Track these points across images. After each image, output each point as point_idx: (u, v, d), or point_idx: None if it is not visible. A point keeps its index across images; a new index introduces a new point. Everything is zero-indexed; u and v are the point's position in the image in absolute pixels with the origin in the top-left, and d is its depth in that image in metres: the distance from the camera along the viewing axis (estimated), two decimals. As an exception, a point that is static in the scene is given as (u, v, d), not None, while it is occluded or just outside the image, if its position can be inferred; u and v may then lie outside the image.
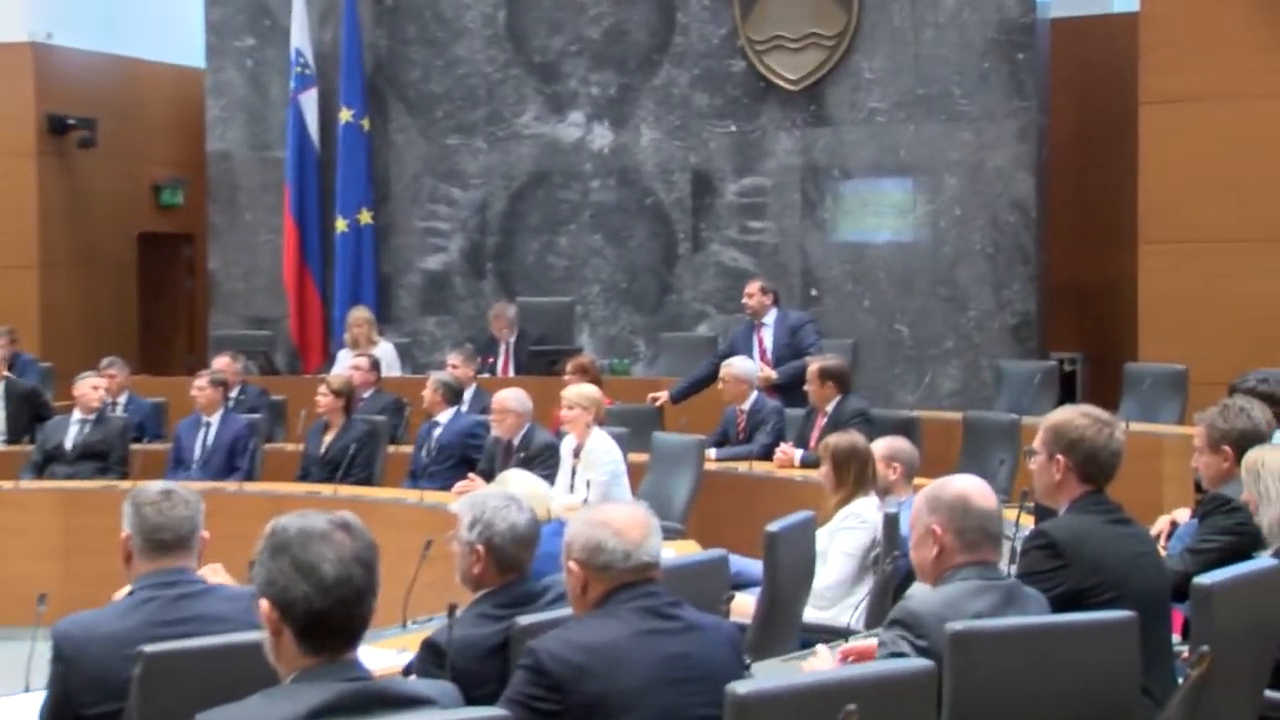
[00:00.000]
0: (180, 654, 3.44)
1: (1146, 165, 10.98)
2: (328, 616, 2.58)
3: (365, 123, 13.12)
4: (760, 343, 10.13)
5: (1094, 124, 12.35)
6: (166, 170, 14.66)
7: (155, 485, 3.78)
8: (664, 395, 10.24)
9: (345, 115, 13.04)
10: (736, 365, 9.47)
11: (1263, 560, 4.29)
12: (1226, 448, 5.11)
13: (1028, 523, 5.91)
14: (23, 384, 10.87)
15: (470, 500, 4.18)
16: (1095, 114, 12.28)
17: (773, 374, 9.83)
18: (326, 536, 2.61)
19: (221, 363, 10.64)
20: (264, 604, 2.61)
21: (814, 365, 9.02)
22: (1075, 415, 4.32)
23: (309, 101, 13.22)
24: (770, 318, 10.17)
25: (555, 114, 12.94)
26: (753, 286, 10.29)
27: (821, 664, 4.08)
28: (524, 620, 3.79)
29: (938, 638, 3.44)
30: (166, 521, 3.67)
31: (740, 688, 2.89)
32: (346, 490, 8.70)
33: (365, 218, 13.13)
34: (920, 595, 3.76)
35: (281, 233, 13.29)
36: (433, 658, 3.78)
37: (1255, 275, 10.61)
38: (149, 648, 3.40)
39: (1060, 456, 4.27)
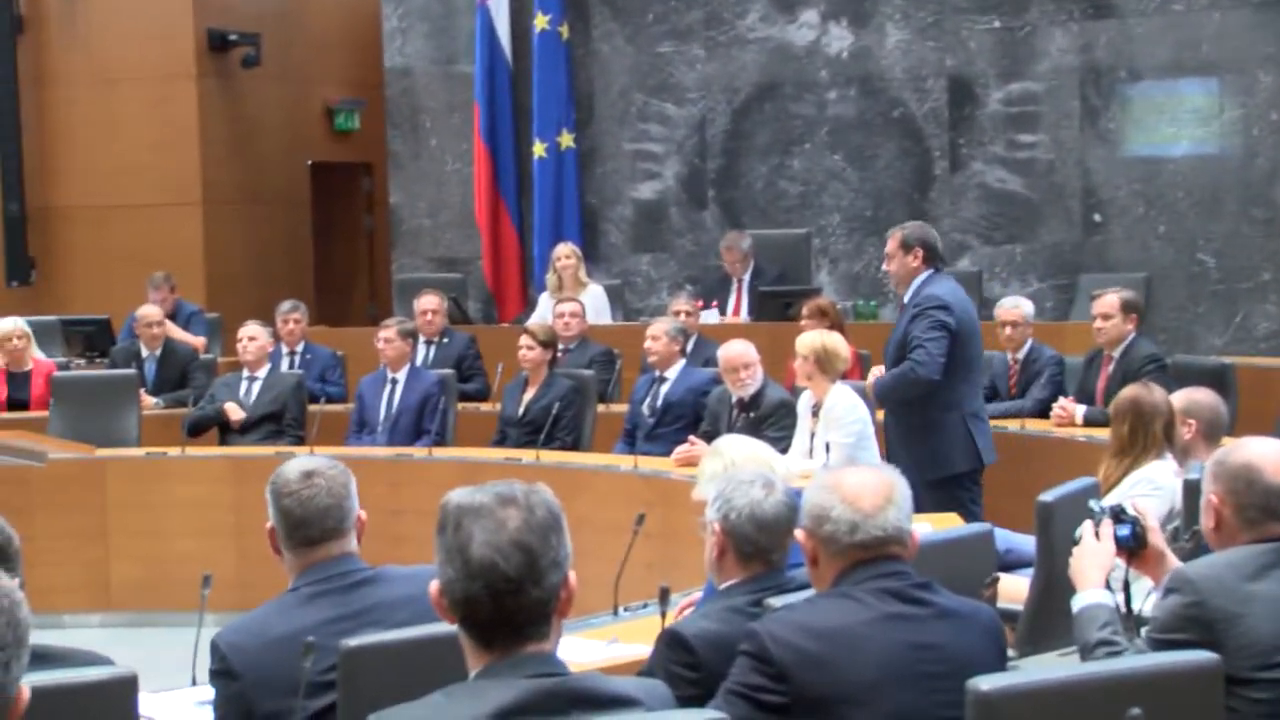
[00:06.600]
0: (378, 648, 3.55)
1: None
2: (476, 606, 2.60)
3: (564, 30, 13.19)
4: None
5: None
6: (340, 90, 14.96)
7: (296, 466, 3.76)
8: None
9: (541, 22, 13.13)
10: (1025, 305, 9.45)
11: None
12: None
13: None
14: (184, 350, 11.01)
15: (721, 473, 4.22)
16: None
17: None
18: (484, 513, 2.62)
19: (431, 303, 10.70)
20: (432, 587, 2.67)
21: (1112, 296, 8.80)
22: None
23: (499, 7, 13.34)
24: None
25: (784, 13, 12.84)
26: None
27: (1096, 559, 3.90)
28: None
29: (1214, 600, 3.47)
30: (308, 515, 3.68)
31: (984, 683, 2.87)
32: (550, 456, 8.77)
33: (566, 141, 13.22)
34: (1200, 559, 3.77)
35: (471, 160, 13.47)
36: (677, 654, 3.74)
37: None
38: (350, 641, 3.52)
39: None
